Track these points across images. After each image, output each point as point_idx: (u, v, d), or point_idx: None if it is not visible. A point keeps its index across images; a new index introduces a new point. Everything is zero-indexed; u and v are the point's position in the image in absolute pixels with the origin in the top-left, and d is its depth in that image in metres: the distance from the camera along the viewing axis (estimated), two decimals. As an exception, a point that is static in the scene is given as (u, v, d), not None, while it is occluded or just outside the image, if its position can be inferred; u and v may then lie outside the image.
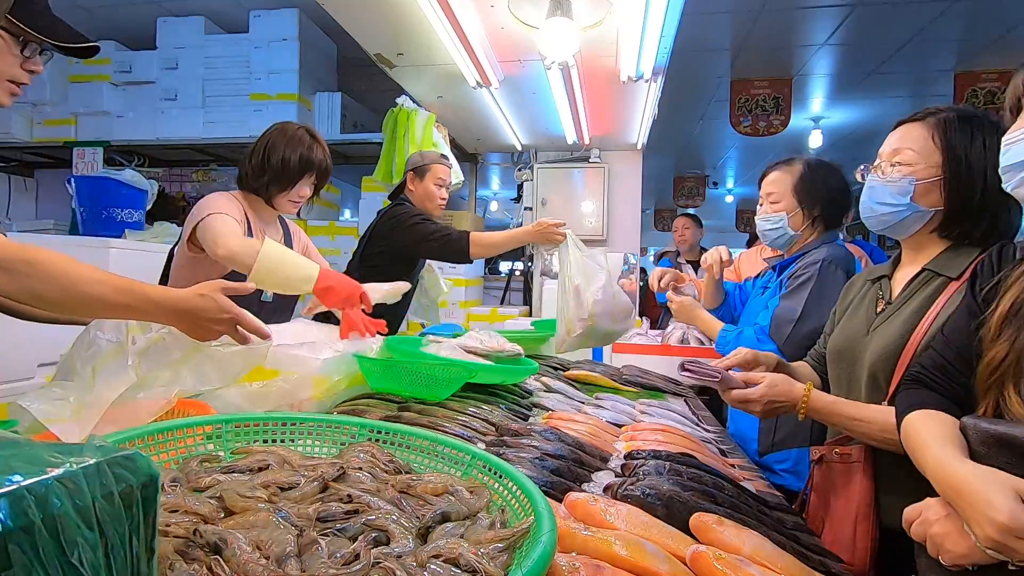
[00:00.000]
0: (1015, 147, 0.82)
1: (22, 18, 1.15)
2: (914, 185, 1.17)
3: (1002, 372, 0.84)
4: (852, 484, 1.19)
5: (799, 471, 1.72)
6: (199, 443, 0.83)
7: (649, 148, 4.50)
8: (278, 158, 1.87)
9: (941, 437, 0.83)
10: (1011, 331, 0.85)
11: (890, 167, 1.21)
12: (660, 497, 0.86)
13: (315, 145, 1.94)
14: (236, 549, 0.55)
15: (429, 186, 2.56)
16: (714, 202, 10.19)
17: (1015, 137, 0.82)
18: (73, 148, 4.35)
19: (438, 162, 2.58)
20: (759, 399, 1.23)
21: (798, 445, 1.72)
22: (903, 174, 1.18)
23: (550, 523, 0.61)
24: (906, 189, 1.18)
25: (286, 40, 4.05)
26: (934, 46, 4.42)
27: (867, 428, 1.13)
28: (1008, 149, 0.83)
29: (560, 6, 2.19)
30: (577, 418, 1.35)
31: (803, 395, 1.21)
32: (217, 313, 1.14)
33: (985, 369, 0.86)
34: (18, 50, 1.18)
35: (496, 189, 9.54)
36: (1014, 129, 0.83)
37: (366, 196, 4.16)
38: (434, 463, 0.86)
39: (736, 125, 5.29)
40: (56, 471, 0.33)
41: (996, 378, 0.84)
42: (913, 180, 1.17)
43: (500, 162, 5.22)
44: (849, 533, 1.17)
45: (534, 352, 2.30)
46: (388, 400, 1.31)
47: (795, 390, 1.22)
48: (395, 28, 2.49)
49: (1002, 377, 0.84)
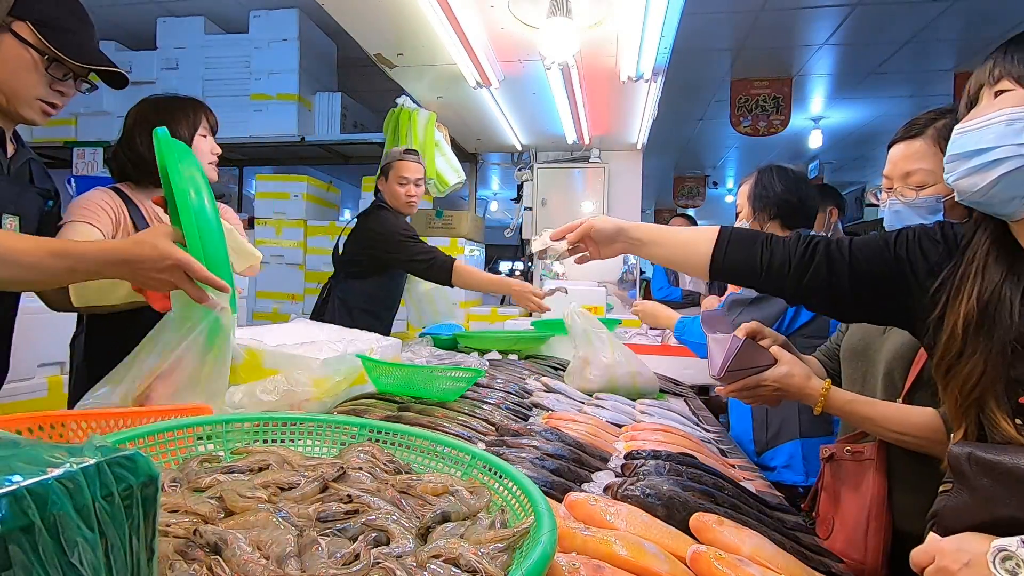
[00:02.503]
0: (962, 137, 0.79)
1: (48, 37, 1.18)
2: (943, 203, 1.16)
3: (981, 390, 0.78)
4: (864, 482, 1.18)
5: (793, 465, 1.74)
6: (199, 443, 0.83)
7: (649, 148, 4.50)
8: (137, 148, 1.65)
9: None
10: (982, 341, 0.79)
11: (909, 190, 1.20)
12: (660, 497, 0.86)
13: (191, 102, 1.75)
14: (236, 549, 0.55)
15: (392, 186, 2.58)
16: (714, 202, 10.20)
17: (965, 127, 0.79)
18: (73, 148, 4.35)
19: (399, 159, 2.59)
20: (773, 381, 1.18)
21: (790, 438, 1.76)
22: (928, 194, 1.17)
23: (550, 523, 0.61)
24: (935, 207, 1.17)
25: (286, 40, 4.05)
26: (934, 46, 4.42)
27: (883, 428, 1.11)
28: (956, 139, 0.80)
29: (560, 6, 2.19)
30: (577, 418, 1.35)
31: (821, 391, 1.18)
32: (158, 261, 1.05)
33: (959, 388, 0.80)
34: (44, 69, 1.21)
35: (496, 189, 9.55)
36: (967, 119, 0.81)
37: (366, 196, 4.16)
38: (434, 463, 0.86)
39: (736, 125, 5.29)
40: (56, 471, 0.33)
41: (975, 398, 0.78)
42: (940, 198, 1.16)
43: (500, 162, 5.23)
44: (861, 532, 1.16)
45: (534, 352, 2.30)
46: (388, 400, 1.31)
47: (812, 384, 1.18)
48: (395, 28, 2.49)
49: (982, 396, 0.78)
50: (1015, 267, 0.80)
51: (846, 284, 0.94)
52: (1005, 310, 0.77)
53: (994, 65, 0.79)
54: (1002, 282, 0.79)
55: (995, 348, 0.77)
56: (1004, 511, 0.67)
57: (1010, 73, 0.77)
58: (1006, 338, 0.76)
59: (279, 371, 1.26)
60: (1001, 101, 0.77)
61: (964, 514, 0.71)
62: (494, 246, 6.12)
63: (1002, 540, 0.64)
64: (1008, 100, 0.76)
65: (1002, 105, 0.76)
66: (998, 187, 0.75)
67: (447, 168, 3.49)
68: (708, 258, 1.04)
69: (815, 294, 0.98)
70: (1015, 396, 0.76)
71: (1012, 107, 0.75)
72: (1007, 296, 0.78)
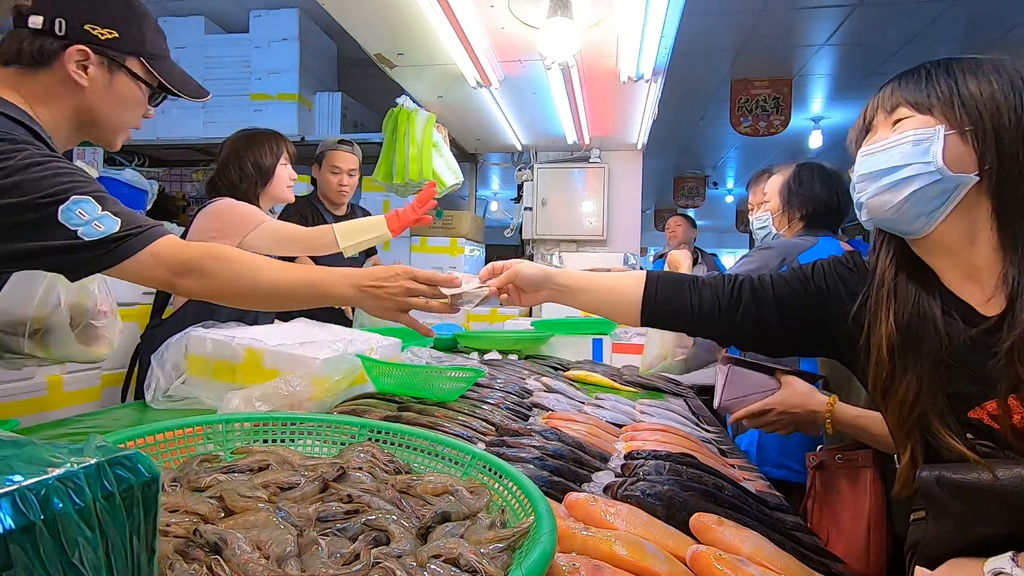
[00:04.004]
0: (870, 159, 0.83)
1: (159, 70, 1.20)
2: None
3: (920, 409, 0.78)
4: (860, 490, 1.16)
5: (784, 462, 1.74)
6: (199, 443, 0.83)
7: (649, 148, 4.50)
8: (252, 160, 2.01)
9: None
10: (911, 361, 0.79)
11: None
12: (660, 497, 0.86)
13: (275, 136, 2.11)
14: (236, 549, 0.55)
15: (325, 174, 2.66)
16: (714, 202, 10.20)
17: (871, 149, 0.83)
18: (73, 148, 4.34)
19: (333, 148, 2.66)
20: (776, 404, 1.19)
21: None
22: None
23: (550, 523, 0.61)
24: None
25: (286, 40, 4.04)
26: (934, 46, 4.42)
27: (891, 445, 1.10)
28: (863, 160, 0.84)
29: (560, 6, 2.19)
30: (577, 418, 1.35)
31: (827, 407, 1.17)
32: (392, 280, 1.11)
33: (898, 410, 0.80)
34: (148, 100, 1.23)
35: (496, 189, 9.54)
36: (870, 142, 0.85)
37: (366, 196, 4.16)
38: (434, 463, 0.86)
39: (736, 125, 5.29)
40: (56, 471, 0.33)
41: (915, 417, 0.79)
42: None
43: (500, 162, 5.21)
44: (861, 543, 1.13)
45: (534, 352, 2.30)
46: (388, 400, 1.31)
47: (816, 399, 1.18)
48: (395, 28, 2.49)
49: (922, 415, 0.78)
50: (927, 284, 0.82)
51: (775, 319, 0.94)
52: (928, 327, 0.79)
53: (891, 93, 0.84)
54: (917, 300, 0.81)
55: (926, 366, 0.78)
56: (983, 530, 0.67)
57: (907, 101, 0.82)
58: (937, 355, 0.77)
59: (279, 371, 1.26)
60: (902, 126, 0.81)
61: (944, 541, 0.70)
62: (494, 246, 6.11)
63: (995, 561, 0.63)
64: (909, 124, 0.80)
65: (903, 129, 0.80)
66: (908, 204, 0.79)
67: (445, 169, 3.49)
68: (639, 304, 1.01)
69: (745, 333, 0.97)
70: (961, 411, 0.76)
71: (914, 129, 0.79)
72: (927, 313, 0.79)
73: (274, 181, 2.06)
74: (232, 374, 1.33)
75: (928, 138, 0.78)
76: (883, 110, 0.85)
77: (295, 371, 1.24)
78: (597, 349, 2.51)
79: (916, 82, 0.82)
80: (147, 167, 4.68)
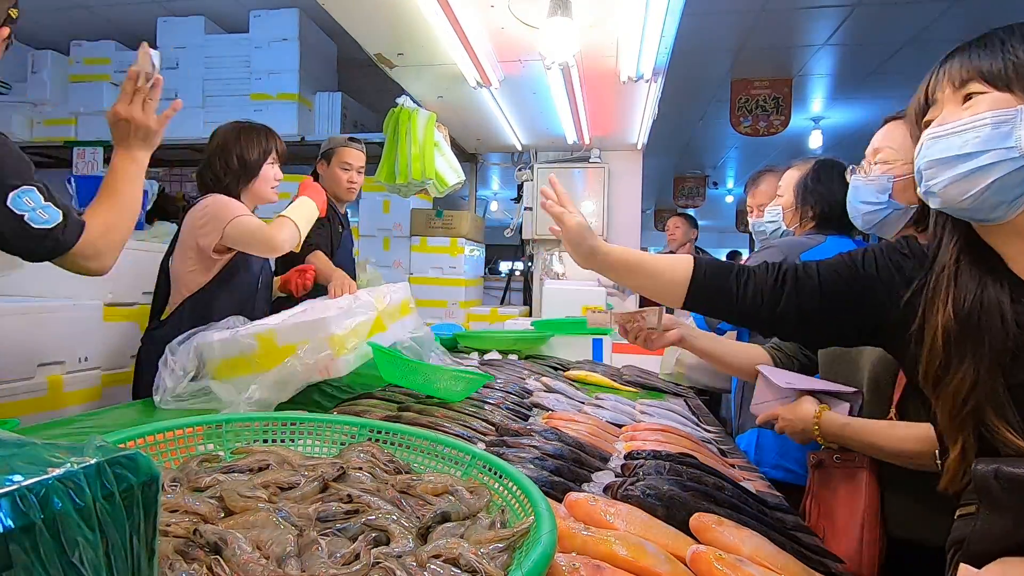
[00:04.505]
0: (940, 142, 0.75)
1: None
2: (892, 182, 1.18)
3: (976, 401, 0.73)
4: (856, 489, 1.17)
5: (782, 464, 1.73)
6: (199, 443, 0.83)
7: (649, 148, 4.50)
8: (237, 153, 2.01)
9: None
10: (969, 351, 0.74)
11: (872, 166, 1.22)
12: (660, 497, 0.86)
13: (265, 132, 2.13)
14: (236, 549, 0.55)
15: (335, 170, 2.63)
16: (714, 202, 10.19)
17: (940, 131, 0.76)
18: (73, 148, 4.34)
19: (344, 145, 2.64)
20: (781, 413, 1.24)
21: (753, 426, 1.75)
22: (882, 172, 1.19)
23: (550, 523, 0.61)
24: (885, 187, 1.18)
25: (286, 40, 4.04)
26: (934, 46, 4.41)
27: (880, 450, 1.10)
28: (931, 143, 0.77)
29: (560, 6, 2.19)
30: (577, 418, 1.35)
31: (814, 418, 1.18)
32: None
33: (951, 401, 0.75)
34: None
35: (496, 189, 9.54)
36: (939, 122, 0.77)
37: (367, 196, 4.16)
38: (434, 463, 0.86)
39: (736, 125, 5.29)
40: (57, 471, 0.33)
41: (970, 409, 0.73)
42: (891, 177, 1.18)
43: (500, 162, 5.21)
44: (854, 542, 1.14)
45: (534, 352, 2.30)
46: (388, 400, 1.31)
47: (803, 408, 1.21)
48: (395, 28, 2.49)
49: (978, 407, 0.73)
50: (993, 270, 0.76)
51: (816, 307, 0.92)
52: (994, 316, 0.73)
53: (960, 66, 0.76)
54: (981, 288, 0.76)
55: (988, 356, 0.73)
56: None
57: (980, 75, 0.74)
58: (1002, 344, 0.72)
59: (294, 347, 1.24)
60: (976, 104, 0.74)
61: (996, 537, 0.65)
62: (494, 246, 6.11)
63: None
64: (984, 103, 0.73)
65: (977, 109, 0.73)
66: (989, 192, 0.72)
67: (447, 168, 3.49)
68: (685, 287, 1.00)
69: (787, 321, 0.95)
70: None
71: (992, 110, 0.72)
72: (992, 300, 0.74)
73: (258, 179, 2.05)
74: (249, 366, 1.32)
75: (1010, 120, 0.71)
76: (950, 83, 0.77)
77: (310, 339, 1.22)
78: (597, 349, 2.51)
79: (990, 53, 0.74)
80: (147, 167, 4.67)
